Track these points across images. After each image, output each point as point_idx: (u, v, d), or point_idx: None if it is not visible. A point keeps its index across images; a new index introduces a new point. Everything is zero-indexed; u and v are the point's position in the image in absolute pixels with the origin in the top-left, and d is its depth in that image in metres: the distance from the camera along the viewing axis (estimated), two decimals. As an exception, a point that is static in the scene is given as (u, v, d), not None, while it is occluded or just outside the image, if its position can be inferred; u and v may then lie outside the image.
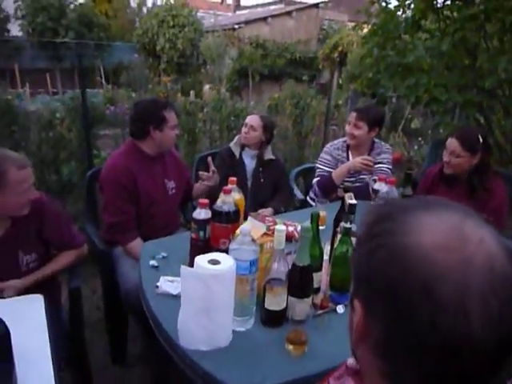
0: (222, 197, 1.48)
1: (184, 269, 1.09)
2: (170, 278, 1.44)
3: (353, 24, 4.27)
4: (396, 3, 3.09)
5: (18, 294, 1.42)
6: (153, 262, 1.57)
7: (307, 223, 1.24)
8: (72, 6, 13.04)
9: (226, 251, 1.22)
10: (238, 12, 22.42)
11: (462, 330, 0.40)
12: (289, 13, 15.96)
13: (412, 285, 0.42)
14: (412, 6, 3.05)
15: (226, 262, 1.11)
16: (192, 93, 5.12)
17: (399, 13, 3.13)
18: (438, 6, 3.00)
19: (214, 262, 1.10)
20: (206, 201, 1.46)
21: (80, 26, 12.83)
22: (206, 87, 10.88)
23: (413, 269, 0.42)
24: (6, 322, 0.93)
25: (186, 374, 1.09)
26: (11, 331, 0.93)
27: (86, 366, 1.71)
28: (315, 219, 1.35)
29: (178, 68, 11.45)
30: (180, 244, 1.70)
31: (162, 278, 1.45)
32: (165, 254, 1.63)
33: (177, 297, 1.33)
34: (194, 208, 1.48)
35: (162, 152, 2.08)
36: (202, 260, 1.11)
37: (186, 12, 11.50)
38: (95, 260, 2.16)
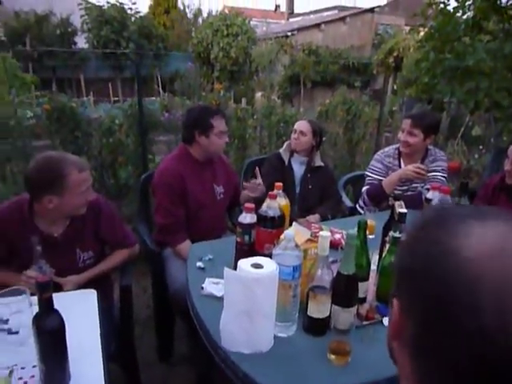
0: (267, 202, 1.49)
1: (227, 271, 1.11)
2: (215, 280, 1.47)
3: (410, 28, 4.14)
4: (455, 4, 2.96)
5: (75, 290, 1.52)
6: (199, 264, 1.61)
7: (353, 230, 1.22)
8: (133, 18, 13.79)
9: (270, 256, 1.23)
10: (291, 19, 22.52)
11: (497, 331, 0.39)
12: (342, 18, 15.78)
13: (451, 284, 0.42)
14: (472, 6, 2.90)
15: (269, 266, 1.12)
16: (244, 100, 5.19)
17: (458, 14, 2.99)
18: (502, 5, 2.83)
19: (257, 266, 1.11)
20: (252, 205, 1.48)
21: (140, 38, 13.54)
22: (258, 94, 10.99)
23: (454, 270, 0.42)
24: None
25: (227, 375, 1.11)
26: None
27: (134, 361, 1.78)
28: (362, 227, 1.31)
29: (231, 76, 11.72)
30: (226, 247, 1.74)
31: (207, 280, 1.48)
32: (211, 256, 1.66)
33: (221, 299, 1.35)
34: (241, 213, 1.50)
35: (210, 157, 2.14)
36: (245, 263, 1.12)
37: (239, 21, 11.75)
38: (147, 260, 2.25)
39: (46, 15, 13.43)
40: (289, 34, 14.88)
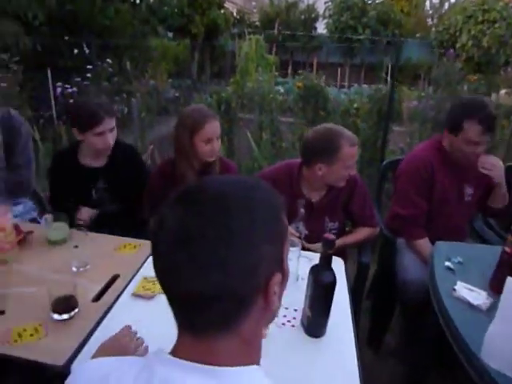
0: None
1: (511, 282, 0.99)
2: (469, 287, 1.36)
3: None
4: None
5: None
6: (448, 264, 1.51)
7: None
8: (372, 4, 13.69)
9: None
10: None
11: None
12: None
13: None
14: None
15: None
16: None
17: None
18: None
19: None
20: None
21: (377, 24, 13.38)
22: (502, 92, 9.44)
23: None
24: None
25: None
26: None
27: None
28: None
29: (478, 68, 10.38)
30: (477, 254, 1.60)
31: (459, 283, 1.38)
32: (461, 260, 1.54)
33: (474, 307, 1.26)
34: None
35: (458, 155, 1.90)
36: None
37: (499, 6, 10.19)
38: (374, 244, 2.26)
39: (295, 2, 14.69)
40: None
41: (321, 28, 15.02)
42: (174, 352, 0.54)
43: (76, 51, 5.14)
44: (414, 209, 1.93)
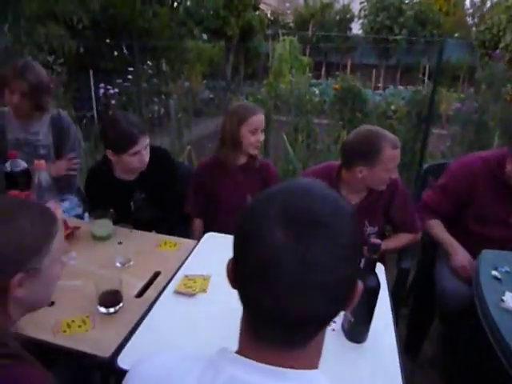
0: None
1: None
2: (519, 297, 1.30)
3: None
4: None
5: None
6: (495, 273, 1.46)
7: None
8: (410, 3, 13.35)
9: None
10: None
11: None
12: None
13: None
14: None
15: None
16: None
17: None
18: None
19: None
20: None
21: (414, 24, 13.05)
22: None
23: None
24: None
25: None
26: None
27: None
28: None
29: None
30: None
31: (507, 294, 1.32)
32: (508, 269, 1.49)
33: None
34: None
35: None
36: None
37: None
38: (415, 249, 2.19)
39: (330, 3, 14.57)
40: None
41: (356, 29, 14.84)
42: (240, 352, 0.55)
43: (116, 53, 5.30)
44: (438, 204, 1.86)
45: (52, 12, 3.96)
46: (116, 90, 4.05)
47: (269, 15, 14.52)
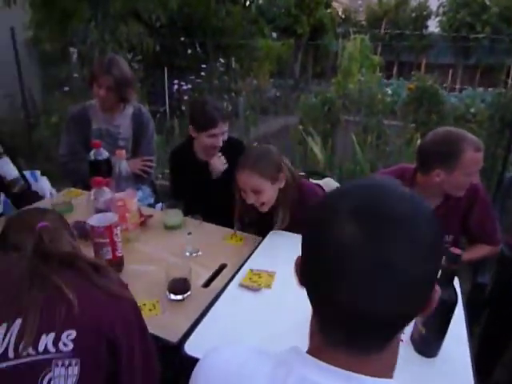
0: None
1: None
2: None
3: None
4: None
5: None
6: None
7: None
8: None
9: None
10: None
11: None
12: None
13: None
14: None
15: None
16: None
17: None
18: None
19: None
20: None
21: (499, 21, 12.07)
22: None
23: None
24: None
25: None
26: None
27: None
28: None
29: None
30: None
31: None
32: None
33: None
34: None
35: None
36: None
37: None
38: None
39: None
40: None
41: (432, 26, 14.05)
42: (311, 352, 0.53)
43: (190, 51, 5.49)
44: None
45: (133, 10, 4.20)
46: (189, 86, 4.20)
47: (340, 13, 14.23)
